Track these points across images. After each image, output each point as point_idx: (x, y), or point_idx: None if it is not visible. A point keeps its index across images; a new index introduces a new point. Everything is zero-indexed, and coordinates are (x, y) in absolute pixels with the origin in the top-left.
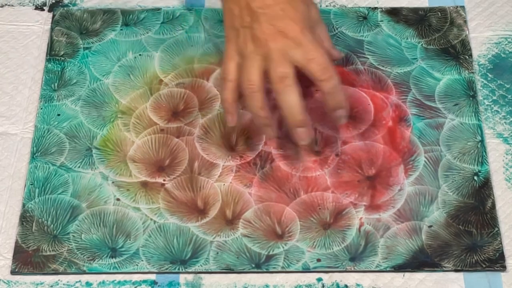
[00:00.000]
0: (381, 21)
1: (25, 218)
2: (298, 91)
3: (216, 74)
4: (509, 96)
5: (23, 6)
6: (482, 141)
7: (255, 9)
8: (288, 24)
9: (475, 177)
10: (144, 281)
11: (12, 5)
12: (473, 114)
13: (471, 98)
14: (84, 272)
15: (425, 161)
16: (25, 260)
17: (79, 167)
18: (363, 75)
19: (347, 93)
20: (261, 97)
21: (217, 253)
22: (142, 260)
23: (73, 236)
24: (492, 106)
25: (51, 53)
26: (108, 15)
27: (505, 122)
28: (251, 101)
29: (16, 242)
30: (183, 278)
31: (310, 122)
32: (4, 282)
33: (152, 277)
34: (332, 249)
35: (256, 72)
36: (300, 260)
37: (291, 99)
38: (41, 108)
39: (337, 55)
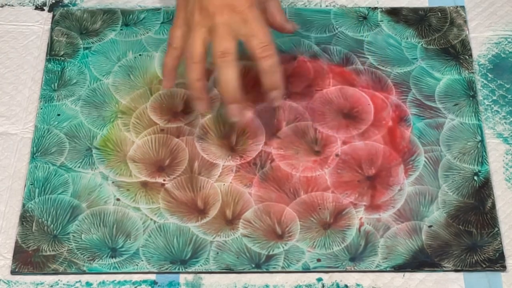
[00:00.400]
0: (381, 21)
1: (25, 218)
2: (237, 68)
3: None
4: (509, 96)
5: (23, 6)
6: (482, 141)
7: None
8: None
9: (475, 177)
10: (144, 281)
11: (12, 5)
12: (473, 114)
13: (471, 98)
14: (84, 272)
15: (425, 161)
16: (25, 260)
17: (79, 167)
18: (363, 75)
19: (347, 93)
20: (200, 69)
21: (217, 253)
22: (142, 260)
23: (73, 236)
24: (492, 106)
25: (51, 53)
26: (108, 15)
27: (505, 122)
28: (189, 71)
29: (16, 242)
30: (183, 278)
31: (244, 100)
32: (4, 282)
33: (152, 277)
34: (332, 249)
35: (199, 44)
36: (300, 260)
37: (228, 75)
38: (41, 108)
39: (290, 28)
